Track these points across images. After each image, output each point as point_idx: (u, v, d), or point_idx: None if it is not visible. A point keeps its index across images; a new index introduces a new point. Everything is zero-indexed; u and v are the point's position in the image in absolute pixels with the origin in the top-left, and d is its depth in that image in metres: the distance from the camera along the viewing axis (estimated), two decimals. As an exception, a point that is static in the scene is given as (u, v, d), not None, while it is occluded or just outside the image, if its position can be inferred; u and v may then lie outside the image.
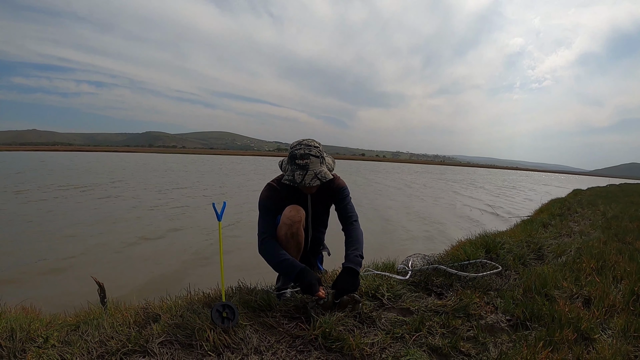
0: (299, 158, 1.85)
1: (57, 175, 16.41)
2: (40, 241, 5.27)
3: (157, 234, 6.02)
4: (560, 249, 3.28)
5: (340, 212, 2.09)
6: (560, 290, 2.19)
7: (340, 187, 2.07)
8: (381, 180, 23.36)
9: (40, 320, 1.70)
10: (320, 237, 2.22)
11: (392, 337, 1.62)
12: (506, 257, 2.85)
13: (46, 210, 7.67)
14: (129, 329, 1.56)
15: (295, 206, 1.94)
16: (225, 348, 1.46)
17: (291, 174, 1.86)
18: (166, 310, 1.73)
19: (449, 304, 1.93)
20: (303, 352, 1.50)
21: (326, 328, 1.57)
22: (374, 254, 2.83)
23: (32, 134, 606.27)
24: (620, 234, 4.01)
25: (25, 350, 1.42)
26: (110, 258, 4.65)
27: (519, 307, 1.91)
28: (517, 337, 1.67)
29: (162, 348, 1.43)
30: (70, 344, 1.46)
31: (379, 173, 33.55)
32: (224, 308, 1.56)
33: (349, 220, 2.05)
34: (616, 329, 1.75)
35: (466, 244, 3.10)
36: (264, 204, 1.96)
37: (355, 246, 1.92)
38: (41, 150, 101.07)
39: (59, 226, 6.30)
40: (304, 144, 1.88)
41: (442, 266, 2.35)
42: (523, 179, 41.28)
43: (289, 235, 1.90)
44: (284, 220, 1.90)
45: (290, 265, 1.78)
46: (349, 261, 1.84)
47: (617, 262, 2.75)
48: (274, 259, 1.82)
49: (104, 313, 1.79)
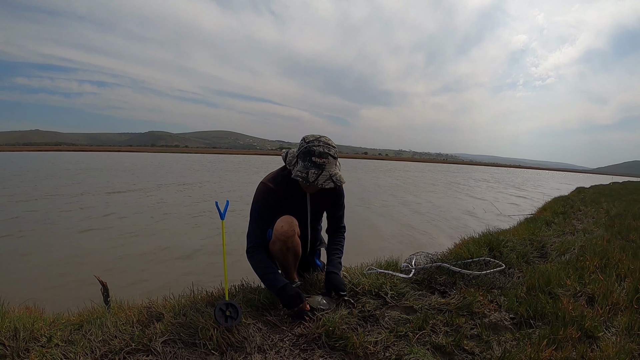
0: (316, 156, 1.72)
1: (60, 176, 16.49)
2: (48, 240, 5.30)
3: (162, 232, 6.03)
4: (563, 247, 3.27)
5: (333, 217, 2.10)
6: (563, 289, 2.18)
7: (342, 191, 2.07)
8: (410, 178, 22.97)
9: (44, 319, 1.70)
10: (318, 235, 2.22)
11: (396, 335, 1.61)
12: (509, 255, 2.84)
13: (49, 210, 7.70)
14: (132, 328, 1.57)
15: (287, 219, 1.83)
16: (228, 347, 1.46)
17: (305, 170, 1.72)
18: (169, 309, 1.74)
19: (452, 302, 1.92)
20: (306, 350, 1.50)
21: (329, 326, 1.57)
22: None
23: (35, 135, 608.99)
24: (624, 232, 3.99)
25: (28, 350, 1.43)
26: (114, 257, 4.66)
27: (522, 305, 1.90)
28: (520, 335, 1.66)
29: (166, 347, 1.44)
30: (73, 343, 1.46)
31: (397, 172, 33.35)
32: (227, 307, 1.56)
33: (339, 228, 2.13)
34: (620, 327, 1.74)
35: (469, 242, 3.09)
36: (257, 208, 1.86)
37: (338, 254, 2.03)
38: (44, 150, 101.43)
39: (67, 225, 6.34)
40: (323, 141, 1.75)
41: (445, 264, 2.34)
42: (546, 179, 40.16)
43: (285, 249, 1.85)
44: (277, 236, 1.81)
45: (272, 281, 1.76)
46: (333, 266, 1.95)
47: (620, 260, 2.73)
48: (259, 270, 1.82)
49: (107, 312, 1.79)
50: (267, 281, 1.80)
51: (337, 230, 2.12)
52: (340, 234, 2.12)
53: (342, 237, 2.12)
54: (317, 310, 1.74)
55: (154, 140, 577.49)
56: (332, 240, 2.10)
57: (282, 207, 1.89)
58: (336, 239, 2.10)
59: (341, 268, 2.02)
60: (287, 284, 1.74)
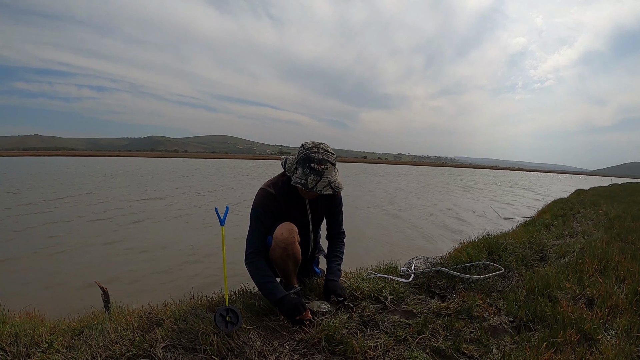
0: (316, 162, 1.74)
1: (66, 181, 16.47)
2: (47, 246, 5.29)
3: (163, 238, 6.03)
4: (562, 250, 3.27)
5: (332, 222, 2.11)
6: (563, 291, 2.19)
7: (340, 197, 2.08)
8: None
9: (45, 325, 1.71)
10: (318, 243, 2.23)
11: (395, 339, 1.62)
12: (509, 258, 2.85)
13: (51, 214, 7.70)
14: (132, 334, 1.57)
15: (286, 225, 1.84)
16: (229, 352, 1.47)
17: (304, 177, 1.74)
18: (170, 315, 1.74)
19: (451, 306, 1.93)
20: (306, 355, 1.51)
21: (329, 331, 1.57)
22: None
23: (34, 139, 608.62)
24: (623, 234, 3.99)
25: (29, 355, 1.43)
26: (115, 263, 4.66)
27: (521, 308, 1.91)
28: (520, 338, 1.66)
29: (166, 352, 1.44)
30: (74, 349, 1.47)
31: (405, 176, 33.50)
32: (227, 312, 1.56)
33: (339, 234, 2.14)
34: (619, 329, 1.75)
35: (468, 246, 3.09)
36: (257, 213, 1.86)
37: (338, 261, 2.04)
38: (43, 155, 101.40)
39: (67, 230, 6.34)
40: (322, 148, 1.77)
41: (444, 268, 2.34)
42: (551, 181, 39.44)
43: (285, 256, 1.85)
44: (277, 243, 1.81)
45: (271, 291, 1.75)
46: (332, 274, 1.96)
47: (620, 262, 2.74)
48: (257, 279, 1.81)
49: (107, 318, 1.80)
50: (265, 290, 1.78)
51: (337, 236, 2.13)
52: (340, 240, 2.13)
53: (342, 244, 2.13)
54: (317, 314, 1.74)
55: (153, 144, 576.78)
56: (331, 247, 2.11)
57: (282, 213, 1.89)
58: (336, 245, 2.11)
59: (340, 275, 2.03)
60: (287, 295, 1.73)
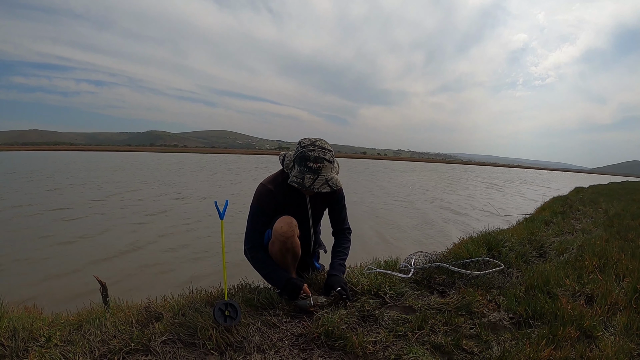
0: (311, 161, 1.72)
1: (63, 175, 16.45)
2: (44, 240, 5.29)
3: (160, 233, 6.02)
4: (562, 247, 3.27)
5: (335, 217, 2.10)
6: (562, 288, 2.19)
7: (342, 193, 2.07)
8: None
9: (43, 319, 1.70)
10: (318, 238, 2.22)
11: (395, 335, 1.61)
12: (508, 255, 2.84)
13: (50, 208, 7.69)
14: (131, 328, 1.57)
15: (286, 219, 1.82)
16: (227, 346, 1.46)
17: (300, 176, 1.74)
18: (168, 309, 1.74)
19: (451, 302, 1.92)
20: (306, 350, 1.50)
21: (329, 326, 1.57)
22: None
23: (33, 134, 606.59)
24: (623, 232, 3.99)
25: (27, 350, 1.42)
26: (113, 257, 4.65)
27: (521, 305, 1.91)
28: (519, 334, 1.66)
29: (165, 347, 1.43)
30: (72, 343, 1.46)
31: (417, 172, 33.23)
32: (226, 306, 1.56)
33: (343, 230, 2.12)
34: (619, 326, 1.75)
35: (468, 242, 3.09)
36: (255, 209, 1.86)
37: (342, 256, 2.01)
38: (44, 150, 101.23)
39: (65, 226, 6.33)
40: (318, 145, 1.76)
41: (444, 264, 2.34)
42: (554, 178, 38.85)
43: (284, 250, 1.85)
44: (277, 236, 1.80)
45: (275, 278, 1.82)
46: (334, 269, 1.94)
47: (619, 259, 2.74)
48: (261, 270, 1.87)
49: (106, 312, 1.79)
50: (269, 279, 1.84)
51: (341, 232, 2.12)
52: (345, 236, 2.11)
53: (347, 240, 2.11)
54: (316, 306, 1.74)
55: (152, 139, 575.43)
56: (337, 243, 2.10)
57: (281, 209, 1.89)
58: (340, 241, 2.09)
59: (344, 270, 1.99)
60: (290, 279, 1.79)
